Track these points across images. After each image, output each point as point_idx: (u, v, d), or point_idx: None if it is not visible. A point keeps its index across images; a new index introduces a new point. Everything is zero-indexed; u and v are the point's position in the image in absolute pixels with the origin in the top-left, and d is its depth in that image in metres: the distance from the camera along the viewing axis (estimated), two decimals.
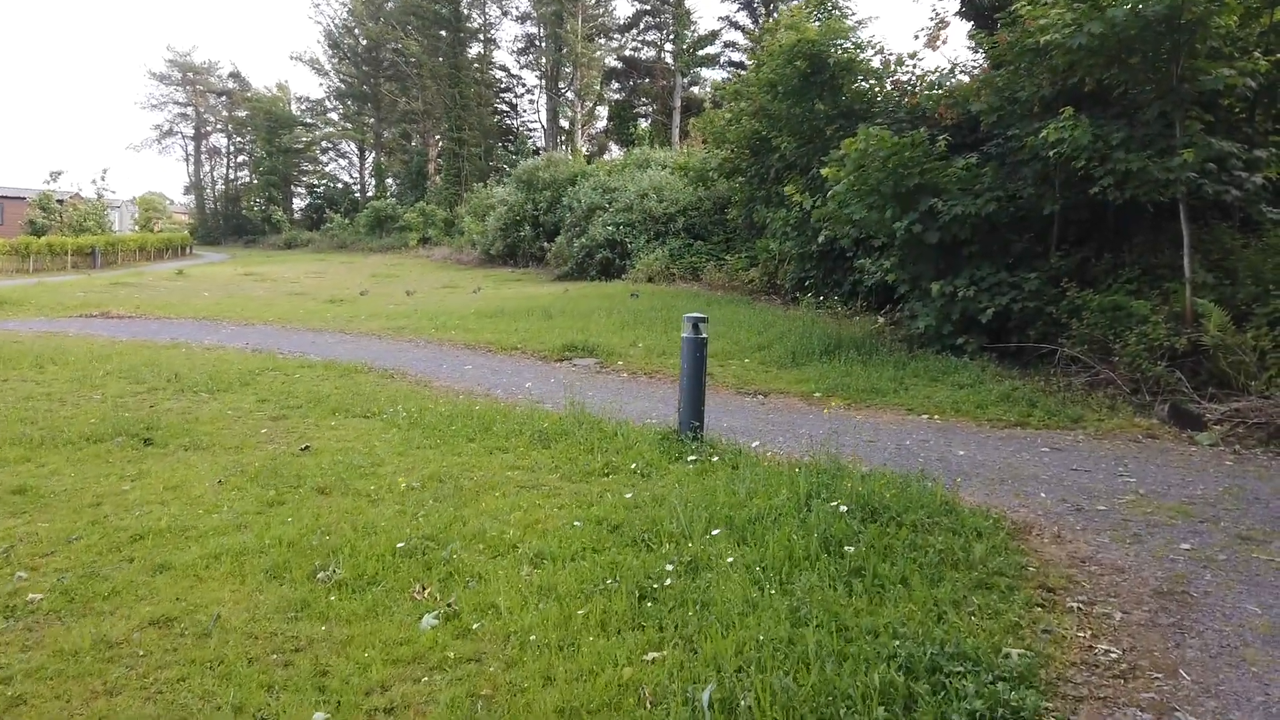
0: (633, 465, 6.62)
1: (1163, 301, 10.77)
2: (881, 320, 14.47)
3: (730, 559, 4.55)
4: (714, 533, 4.90)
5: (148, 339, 14.05)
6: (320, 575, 4.53)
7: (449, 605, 4.16)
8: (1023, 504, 6.25)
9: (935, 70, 15.61)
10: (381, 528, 5.20)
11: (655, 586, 4.30)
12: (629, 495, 5.70)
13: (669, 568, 4.46)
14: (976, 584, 4.47)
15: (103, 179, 49.95)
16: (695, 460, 6.77)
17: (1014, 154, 13.09)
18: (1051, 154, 11.32)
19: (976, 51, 15.83)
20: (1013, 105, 13.02)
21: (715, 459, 6.82)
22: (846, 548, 4.61)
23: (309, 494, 5.94)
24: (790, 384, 11.31)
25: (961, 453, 7.86)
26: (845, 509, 5.00)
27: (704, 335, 7.20)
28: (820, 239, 15.68)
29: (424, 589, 4.37)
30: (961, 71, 15.60)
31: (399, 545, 4.85)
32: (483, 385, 10.75)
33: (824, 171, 14.06)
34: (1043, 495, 6.48)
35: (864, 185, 12.85)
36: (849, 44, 16.69)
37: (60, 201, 45.70)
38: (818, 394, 10.74)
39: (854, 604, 4.11)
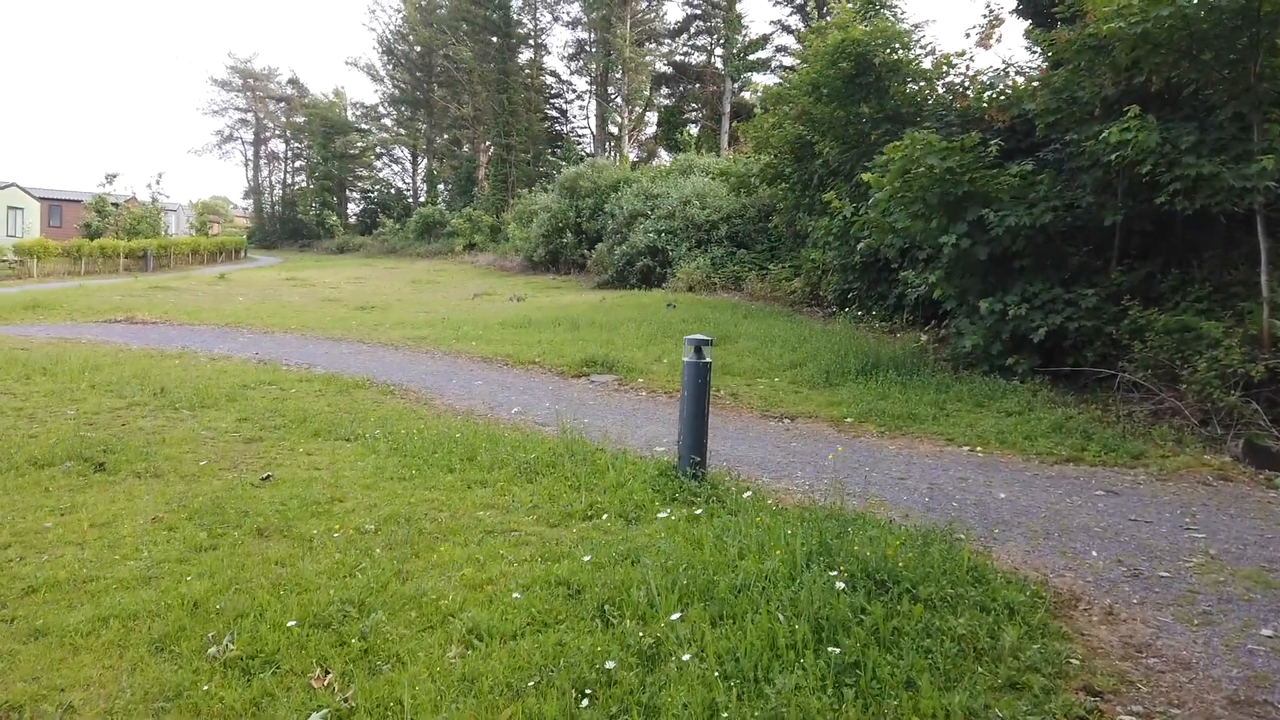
0: (620, 507, 5.84)
1: (1237, 323, 9.69)
2: (924, 338, 13.49)
3: (698, 646, 3.75)
4: (686, 610, 4.09)
5: (158, 347, 13.65)
6: (212, 650, 3.83)
7: (345, 701, 3.42)
8: (1069, 565, 5.33)
9: (987, 70, 14.56)
10: (306, 585, 4.49)
11: (601, 681, 3.52)
12: (590, 557, 4.90)
13: (621, 657, 3.67)
14: (1003, 685, 3.62)
15: (157, 182, 50.72)
16: (691, 503, 5.97)
17: (1072, 160, 12.08)
18: (1113, 158, 10.33)
19: (1034, 51, 14.79)
20: (1072, 106, 12.00)
21: (714, 501, 6.02)
22: (842, 637, 3.77)
23: (245, 536, 5.27)
24: (821, 407, 10.45)
25: (1003, 495, 6.94)
26: (843, 585, 4.15)
27: (707, 359, 6.40)
28: (860, 248, 14.72)
29: (326, 674, 3.65)
30: (1017, 72, 14.53)
31: (315, 613, 4.13)
32: (487, 404, 10.06)
33: (864, 177, 13.17)
34: (1094, 554, 5.56)
35: (908, 193, 11.94)
36: (897, 44, 15.75)
37: (115, 205, 46.28)
38: (849, 419, 9.87)
39: (843, 715, 3.29)
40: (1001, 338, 11.50)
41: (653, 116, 56.77)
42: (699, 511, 5.81)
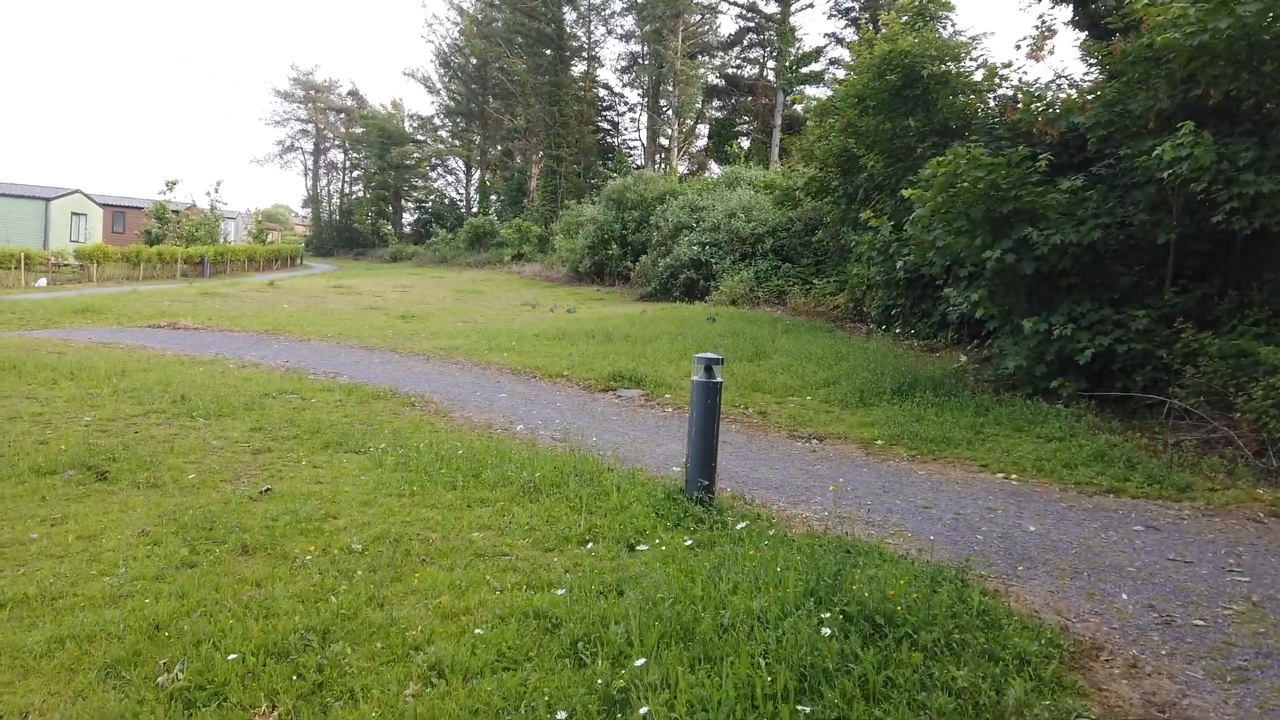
0: (619, 532, 5.59)
1: None
2: (965, 358, 13.02)
3: (669, 694, 3.47)
4: (664, 650, 3.81)
5: (191, 353, 13.73)
6: (161, 679, 3.65)
7: None
8: (1095, 609, 4.95)
9: (1035, 82, 14.08)
10: (275, 610, 4.31)
11: None
12: (566, 590, 4.65)
13: (584, 703, 3.41)
14: None
15: (216, 190, 51.42)
16: (693, 530, 5.70)
17: (1125, 176, 11.58)
18: (1166, 175, 9.83)
19: (1090, 63, 14.27)
20: (1125, 120, 11.51)
21: (718, 528, 5.74)
22: (826, 688, 3.47)
23: (228, 554, 5.11)
24: (852, 427, 10.09)
25: (1032, 528, 6.54)
26: (830, 630, 3.83)
27: (718, 379, 6.13)
28: (900, 265, 14.31)
29: (273, 709, 3.45)
30: (1070, 86, 14.00)
31: (276, 641, 3.94)
32: (507, 418, 9.88)
33: (905, 193, 12.79)
34: (1124, 597, 5.16)
35: (951, 209, 11.53)
36: (947, 57, 15.34)
37: (176, 212, 47.31)
38: (880, 441, 9.50)
39: None
40: (1046, 359, 11.04)
41: (704, 129, 56.56)
42: (700, 539, 5.54)
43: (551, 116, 51.70)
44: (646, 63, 53.91)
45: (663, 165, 50.90)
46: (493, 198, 67.76)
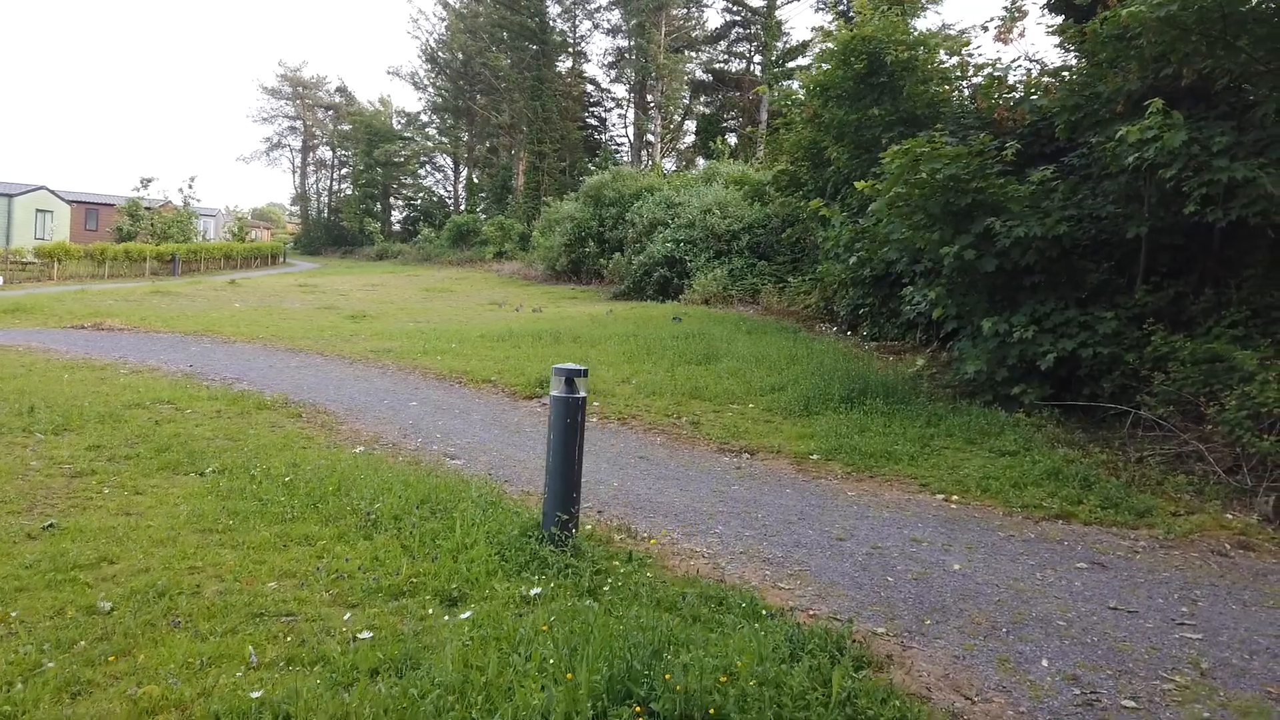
0: (444, 583, 4.64)
1: (1277, 354, 8.20)
2: (921, 362, 12.08)
3: None
4: None
5: (92, 357, 12.74)
6: None
7: None
8: (1005, 683, 4.01)
9: (995, 63, 13.16)
10: None
11: None
12: (320, 680, 3.71)
13: None
14: None
15: (190, 186, 50.38)
16: (535, 580, 4.76)
17: (1097, 166, 10.64)
18: (1131, 160, 8.89)
19: (1067, 49, 13.28)
20: (1093, 104, 10.56)
21: (570, 574, 4.80)
22: None
23: None
24: (790, 439, 9.17)
25: (957, 567, 5.61)
26: None
27: (581, 394, 5.19)
28: (852, 263, 13.38)
29: None
30: (1042, 71, 13.03)
31: None
32: (403, 431, 8.94)
33: (859, 185, 11.87)
34: (1044, 664, 4.23)
35: (907, 202, 10.60)
36: (912, 39, 14.41)
37: (149, 209, 46.20)
38: (815, 455, 8.58)
39: None
40: (1007, 363, 10.13)
41: (691, 125, 55.63)
42: (545, 590, 4.60)
43: (534, 112, 50.75)
44: (632, 57, 52.90)
45: (647, 161, 49.91)
46: (481, 195, 66.82)
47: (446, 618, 4.26)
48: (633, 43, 52.43)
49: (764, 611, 4.39)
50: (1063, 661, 4.26)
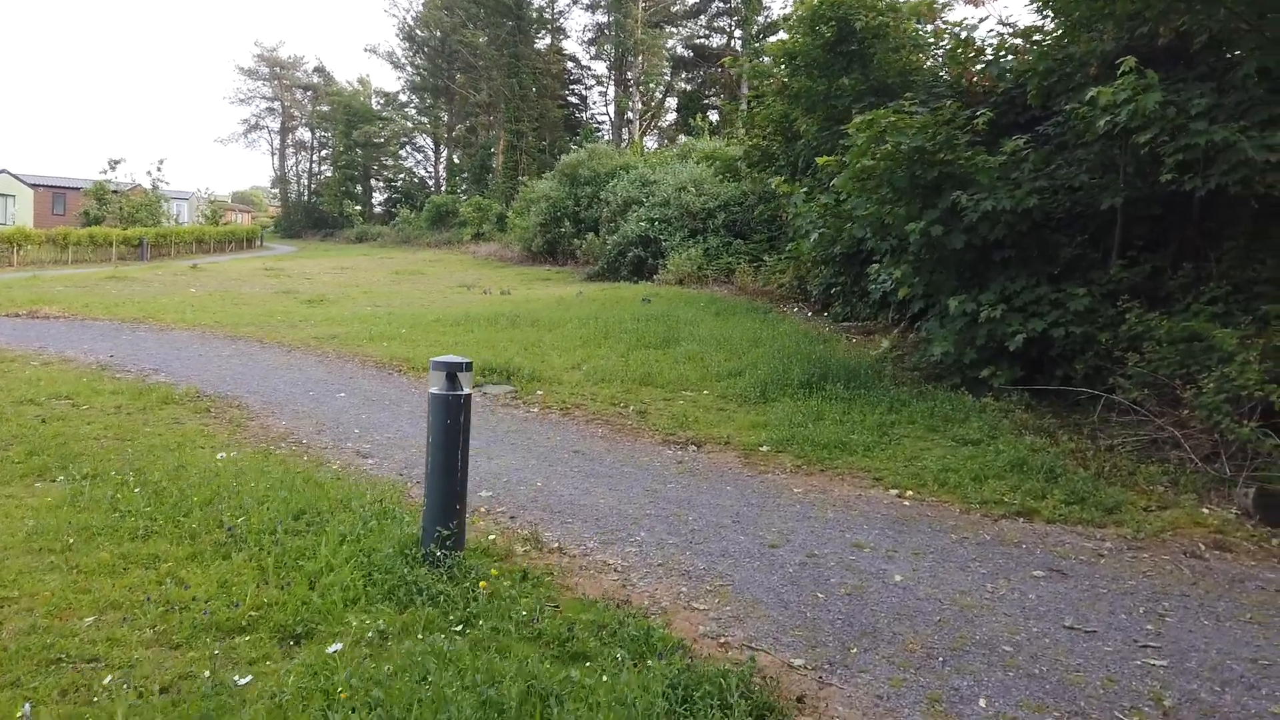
0: (291, 616, 4.00)
1: (1258, 332, 7.59)
2: (887, 344, 11.47)
3: None
4: None
5: (10, 347, 11.95)
6: None
7: None
8: None
9: (961, 23, 12.50)
10: None
11: None
12: None
13: None
14: None
15: (158, 169, 49.26)
16: (409, 605, 4.14)
17: (1071, 134, 10.01)
18: (1104, 123, 8.26)
19: (1043, 16, 12.56)
20: (1066, 67, 9.92)
21: (441, 603, 4.17)
22: None
23: None
24: (741, 429, 8.57)
25: (899, 578, 5.01)
26: None
27: (464, 391, 4.56)
28: (815, 239, 12.75)
29: None
30: (1014, 34, 12.33)
31: None
32: (320, 426, 8.28)
33: (820, 160, 11.23)
34: (981, 704, 3.64)
35: (872, 175, 9.97)
36: (883, 4, 13.73)
37: (116, 192, 45.08)
38: (765, 447, 7.98)
39: None
40: (975, 344, 9.55)
41: (673, 102, 54.72)
42: (407, 621, 3.98)
43: (512, 90, 49.80)
44: (611, 33, 51.91)
45: (629, 139, 49.04)
46: (461, 176, 65.84)
47: (274, 663, 3.63)
48: (611, 18, 51.45)
49: (658, 646, 3.78)
50: (1003, 700, 3.67)
